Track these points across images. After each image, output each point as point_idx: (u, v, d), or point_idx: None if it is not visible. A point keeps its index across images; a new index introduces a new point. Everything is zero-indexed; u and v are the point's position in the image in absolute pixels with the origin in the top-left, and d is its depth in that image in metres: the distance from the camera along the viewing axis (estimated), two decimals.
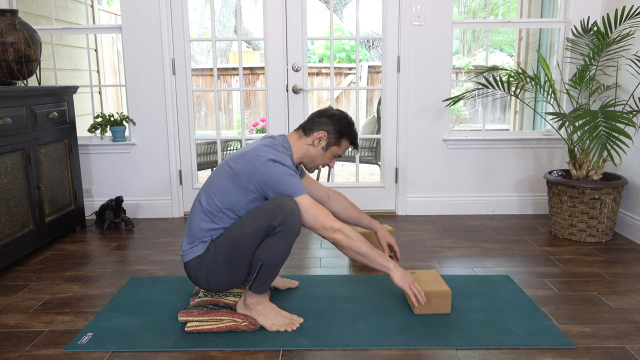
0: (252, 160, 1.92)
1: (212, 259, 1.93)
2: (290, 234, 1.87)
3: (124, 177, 3.63)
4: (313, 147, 2.08)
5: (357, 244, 1.91)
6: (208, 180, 2.04)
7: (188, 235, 2.01)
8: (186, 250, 2.00)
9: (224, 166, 2.01)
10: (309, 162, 2.12)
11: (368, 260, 1.94)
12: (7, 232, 2.63)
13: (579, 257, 2.79)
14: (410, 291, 1.97)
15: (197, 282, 2.01)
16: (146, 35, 3.43)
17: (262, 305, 2.01)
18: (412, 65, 3.47)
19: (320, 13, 10.11)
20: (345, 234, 1.91)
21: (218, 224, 1.96)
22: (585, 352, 1.84)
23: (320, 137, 2.06)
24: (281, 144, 2.04)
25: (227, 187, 1.94)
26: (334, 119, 2.07)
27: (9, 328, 2.06)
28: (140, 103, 3.53)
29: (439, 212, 3.68)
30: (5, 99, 2.61)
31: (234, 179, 1.94)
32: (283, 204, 1.85)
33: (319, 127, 2.06)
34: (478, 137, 3.57)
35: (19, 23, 2.95)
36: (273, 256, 1.89)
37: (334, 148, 2.10)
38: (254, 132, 5.86)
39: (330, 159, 2.13)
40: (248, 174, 1.91)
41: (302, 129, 2.10)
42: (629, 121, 2.61)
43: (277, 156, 1.94)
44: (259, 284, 1.94)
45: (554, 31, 4.00)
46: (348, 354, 1.84)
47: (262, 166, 1.90)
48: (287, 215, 1.84)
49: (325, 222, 1.91)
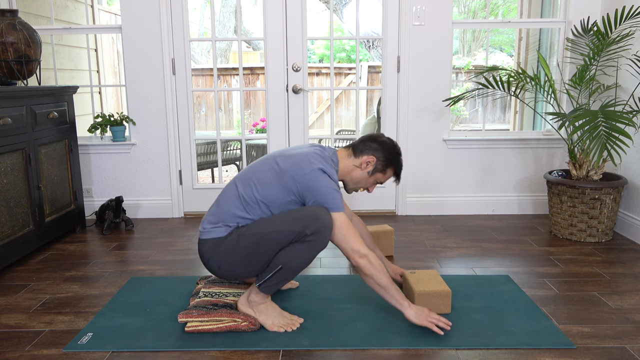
0: (301, 164, 1.93)
1: (233, 245, 1.92)
2: (318, 246, 1.87)
3: (124, 177, 3.63)
4: (359, 170, 2.09)
5: (379, 275, 1.89)
6: (249, 169, 2.03)
7: (213, 215, 1.99)
8: (207, 229, 1.98)
9: (269, 160, 2.00)
10: (350, 182, 2.13)
11: (385, 294, 1.92)
12: (7, 232, 2.63)
13: (579, 257, 2.79)
14: (430, 324, 1.91)
15: (207, 263, 1.99)
16: (146, 35, 3.43)
17: (265, 305, 2.01)
18: (412, 65, 3.47)
19: (320, 13, 10.11)
20: (370, 262, 1.89)
21: (249, 214, 1.96)
22: (585, 352, 1.84)
23: (369, 162, 2.07)
24: (331, 157, 2.04)
25: (270, 182, 1.94)
26: (385, 146, 2.09)
27: (9, 328, 2.06)
28: (140, 103, 3.53)
29: (439, 212, 3.68)
30: (5, 99, 2.61)
31: (279, 176, 1.94)
32: (320, 215, 1.86)
33: (370, 152, 2.08)
34: (478, 137, 3.57)
35: (19, 23, 2.95)
36: (295, 262, 1.89)
37: (379, 175, 2.11)
38: (254, 132, 5.86)
39: (372, 184, 2.14)
40: (295, 176, 1.92)
41: (352, 149, 2.11)
42: (629, 121, 2.61)
43: (326, 168, 1.95)
44: (270, 284, 1.94)
45: (554, 31, 4.00)
46: (348, 354, 1.84)
47: (311, 173, 1.91)
48: (321, 227, 1.84)
49: (354, 244, 1.90)
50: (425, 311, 1.94)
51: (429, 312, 1.94)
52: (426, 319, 1.92)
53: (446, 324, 1.93)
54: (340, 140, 4.66)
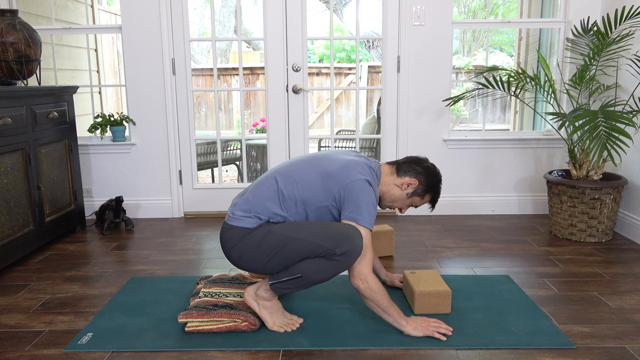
0: (350, 171, 1.92)
1: (259, 240, 1.91)
2: (342, 266, 1.86)
3: (124, 177, 3.63)
4: (399, 189, 2.08)
5: (378, 298, 1.89)
6: (291, 166, 2.01)
7: (247, 203, 1.96)
8: (238, 216, 1.95)
9: (314, 160, 1.99)
10: (388, 199, 2.11)
11: (385, 315, 1.92)
12: (7, 232, 2.63)
13: (579, 257, 2.79)
14: (431, 332, 1.92)
15: (229, 250, 1.97)
16: (146, 35, 3.43)
17: (271, 303, 2.01)
18: (412, 65, 3.47)
19: (320, 13, 10.11)
20: (370, 287, 1.88)
21: (284, 212, 1.94)
22: (585, 352, 1.84)
23: (410, 184, 2.06)
24: (376, 172, 2.04)
25: (314, 182, 1.93)
26: (429, 172, 2.08)
27: (9, 328, 2.06)
28: (140, 103, 3.53)
29: (439, 212, 3.67)
30: (5, 99, 2.61)
31: (325, 178, 1.93)
32: (353, 237, 1.83)
33: (413, 175, 2.07)
34: (478, 137, 3.57)
35: (19, 23, 2.95)
36: (315, 276, 1.88)
37: (416, 198, 2.11)
38: (254, 132, 5.85)
39: (407, 205, 2.14)
40: (339, 181, 1.91)
41: (396, 168, 2.09)
42: (629, 121, 2.61)
43: (372, 181, 1.94)
44: (283, 287, 1.93)
45: (554, 31, 4.00)
46: (348, 354, 1.84)
47: (357, 183, 1.90)
48: (351, 250, 1.83)
49: (361, 268, 1.88)
50: (423, 321, 1.95)
51: (427, 322, 1.95)
52: (427, 328, 1.93)
53: (447, 330, 1.93)
54: (340, 140, 4.65)
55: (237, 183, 4.02)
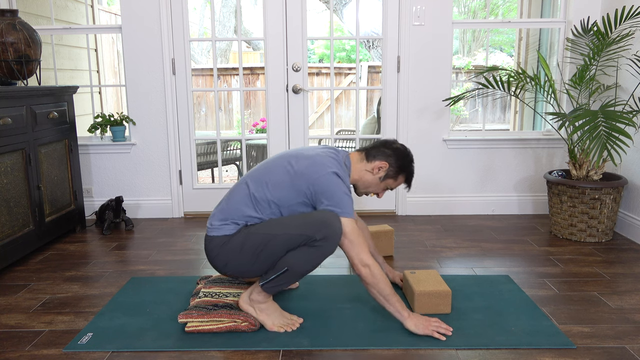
0: (315, 167, 1.93)
1: (240, 244, 1.92)
2: (325, 251, 1.87)
3: (124, 177, 3.63)
4: (371, 174, 2.09)
5: (380, 285, 1.90)
6: (261, 168, 2.02)
7: (222, 212, 1.98)
8: (215, 225, 1.97)
9: (281, 160, 2.00)
10: (362, 186, 2.13)
11: (386, 303, 1.93)
12: (7, 232, 2.63)
13: (579, 257, 2.79)
14: (431, 332, 1.92)
15: (214, 260, 1.99)
16: (146, 35, 3.43)
17: (266, 304, 2.01)
18: (412, 65, 3.47)
19: (320, 13, 10.11)
20: (372, 273, 1.89)
21: (259, 213, 1.95)
22: (585, 352, 1.84)
23: (381, 167, 2.07)
24: (344, 160, 2.04)
25: (283, 182, 1.94)
26: (398, 153, 2.09)
27: (9, 328, 2.06)
28: (140, 103, 3.53)
29: (439, 212, 3.68)
30: (5, 99, 2.61)
31: (293, 178, 1.93)
32: (331, 221, 1.85)
33: (382, 158, 2.08)
34: (478, 137, 3.57)
35: (19, 23, 2.95)
36: (301, 266, 1.88)
37: (390, 181, 2.11)
38: (254, 132, 5.85)
39: (382, 189, 2.14)
40: (308, 178, 1.91)
41: (365, 154, 2.11)
42: (629, 121, 2.61)
43: (340, 172, 1.94)
44: (274, 285, 1.94)
45: (554, 31, 4.00)
46: (348, 354, 1.84)
47: (326, 177, 1.90)
48: (330, 233, 1.84)
49: (360, 253, 1.89)
50: (424, 320, 1.95)
51: (428, 320, 1.95)
52: (427, 327, 1.92)
53: (447, 330, 1.93)
54: (340, 140, 4.65)
55: None
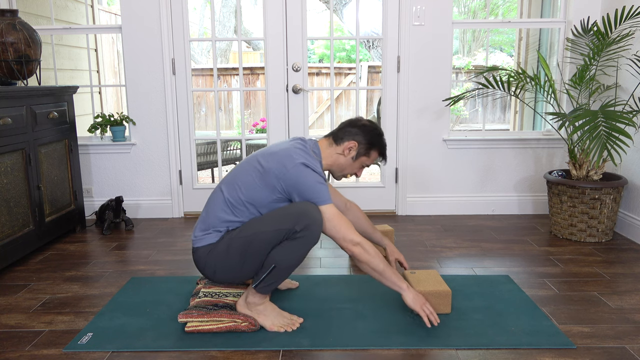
0: (283, 161, 1.92)
1: (225, 250, 1.92)
2: (309, 241, 1.87)
3: (124, 177, 3.63)
4: (343, 157, 2.09)
5: (374, 261, 1.90)
6: (233, 172, 2.03)
7: (203, 222, 1.99)
8: (199, 236, 1.98)
9: (252, 161, 2.00)
10: (337, 170, 2.13)
11: (383, 278, 1.93)
12: (7, 232, 2.63)
13: (579, 257, 2.79)
14: (423, 313, 1.93)
15: (203, 270, 2.00)
16: (146, 35, 3.43)
17: (263, 305, 2.01)
18: (412, 65, 3.47)
19: (320, 13, 10.11)
20: (365, 249, 1.90)
21: (237, 217, 1.96)
22: (585, 352, 1.84)
23: (351, 147, 2.07)
24: (312, 149, 2.04)
25: (254, 182, 1.94)
26: (365, 129, 2.09)
27: (9, 328, 2.06)
28: (140, 103, 3.53)
29: (439, 212, 3.68)
30: (5, 99, 2.61)
31: (263, 176, 1.93)
32: (308, 210, 1.85)
33: (350, 137, 2.07)
34: (478, 137, 3.57)
35: (19, 23, 2.95)
36: (288, 260, 1.89)
37: (364, 158, 2.11)
38: (254, 132, 5.86)
39: (358, 168, 2.14)
40: (278, 174, 1.91)
41: (333, 137, 2.10)
42: (629, 121, 2.61)
43: (309, 161, 1.94)
44: (266, 284, 1.94)
45: (554, 31, 4.00)
46: (348, 354, 1.84)
47: (294, 169, 1.90)
48: (310, 222, 1.84)
49: (346, 234, 1.90)
50: (422, 299, 1.96)
51: (425, 301, 1.96)
52: (421, 307, 1.94)
53: (435, 320, 1.94)
54: None
55: None
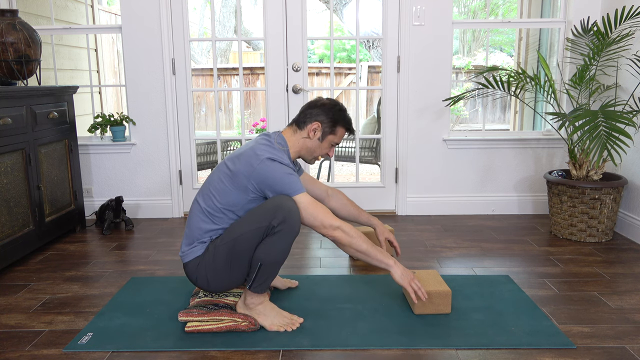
0: (249, 160, 1.93)
1: (212, 259, 1.93)
2: (289, 234, 1.87)
3: (124, 177, 3.63)
4: (309, 140, 2.08)
5: (356, 242, 1.92)
6: (206, 181, 2.04)
7: (187, 236, 2.01)
8: (185, 251, 2.00)
9: (221, 167, 2.01)
10: (307, 154, 2.12)
11: (368, 258, 1.94)
12: (7, 232, 2.63)
13: (579, 257, 2.79)
14: (410, 288, 1.97)
15: (196, 283, 2.01)
16: (146, 35, 3.43)
17: (262, 305, 2.02)
18: (412, 65, 3.47)
19: (320, 13, 10.11)
20: (345, 232, 1.92)
21: (218, 224, 1.96)
22: (585, 352, 1.84)
23: (315, 129, 2.07)
24: (277, 141, 2.04)
25: (226, 187, 1.95)
26: (325, 108, 2.08)
27: (9, 328, 2.06)
28: (140, 103, 3.53)
29: (439, 212, 3.67)
30: (5, 99, 2.61)
31: (233, 179, 1.94)
32: (282, 203, 1.86)
33: (312, 119, 2.07)
34: (478, 137, 3.57)
35: (19, 23, 2.95)
36: (272, 256, 1.89)
37: (330, 137, 2.10)
38: (254, 132, 5.85)
39: (328, 148, 2.14)
40: (246, 174, 1.91)
41: (296, 123, 2.10)
42: (629, 121, 2.61)
43: (274, 154, 1.94)
44: (259, 283, 1.94)
45: (554, 31, 4.00)
46: (348, 354, 1.84)
47: (260, 165, 1.90)
48: (286, 215, 1.84)
49: (324, 220, 1.91)
50: (410, 274, 1.99)
51: (413, 277, 1.99)
52: (409, 282, 1.97)
53: (423, 295, 1.97)
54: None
55: None
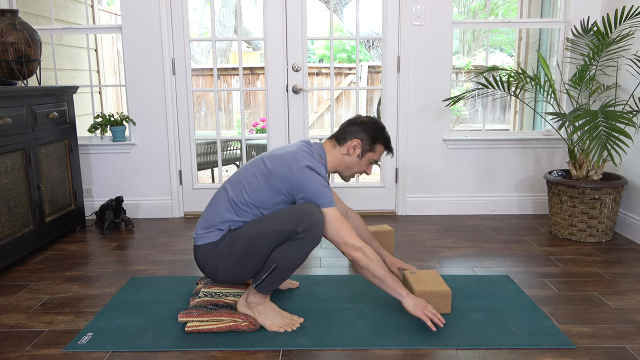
0: (288, 163, 1.93)
1: (227, 249, 1.93)
2: (310, 242, 1.88)
3: (124, 177, 3.63)
4: (348, 156, 2.09)
5: (375, 267, 1.90)
6: (238, 172, 2.04)
7: (206, 220, 2.00)
8: (200, 234, 1.99)
9: (257, 162, 2.01)
10: (345, 170, 2.13)
11: (383, 285, 1.92)
12: (7, 232, 2.63)
13: (579, 257, 2.79)
14: (425, 317, 1.90)
15: (204, 268, 2.00)
16: (146, 35, 3.43)
17: (264, 305, 2.01)
18: (412, 65, 3.47)
19: (320, 13, 10.11)
20: (365, 254, 1.89)
21: (240, 217, 1.96)
22: (585, 352, 1.84)
23: (355, 146, 2.07)
24: (317, 152, 2.05)
25: (259, 184, 1.94)
26: (365, 125, 2.09)
27: (9, 328, 2.06)
28: (140, 103, 3.53)
29: (439, 212, 3.67)
30: (5, 99, 2.61)
31: (268, 178, 1.94)
32: (310, 211, 1.86)
33: (352, 136, 2.08)
34: (478, 137, 3.57)
35: (19, 23, 2.95)
36: (289, 260, 1.89)
37: (370, 154, 2.11)
38: (254, 132, 5.85)
39: (366, 166, 2.15)
40: (282, 176, 1.92)
41: (336, 139, 2.11)
42: (629, 121, 2.61)
43: (313, 164, 1.95)
44: (267, 284, 1.94)
45: (554, 31, 4.00)
46: (348, 354, 1.84)
47: (298, 171, 1.91)
48: (312, 223, 1.85)
49: (347, 238, 1.90)
50: (423, 303, 1.94)
51: (426, 305, 1.94)
52: (423, 311, 1.92)
53: (440, 321, 1.92)
54: None
55: None
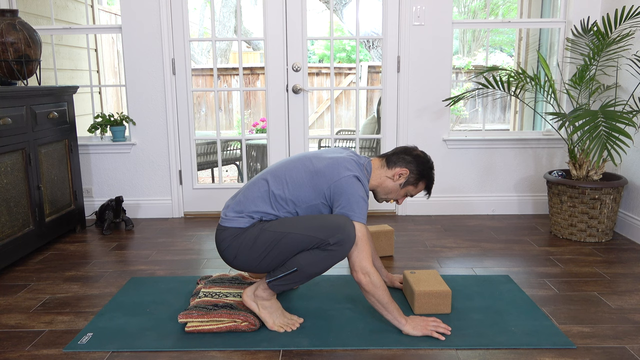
0: (337, 168, 1.93)
1: (253, 238, 1.92)
2: (337, 256, 1.87)
3: (124, 177, 3.63)
4: (391, 181, 2.09)
5: (379, 293, 1.89)
6: (282, 166, 2.02)
7: (239, 204, 1.98)
8: (230, 217, 1.97)
9: (303, 160, 2.00)
10: (382, 192, 2.13)
11: (385, 311, 1.92)
12: (7, 232, 2.63)
13: (579, 257, 2.79)
14: (430, 332, 1.92)
15: (224, 252, 1.98)
16: (146, 35, 3.43)
17: (270, 302, 2.01)
18: (412, 65, 3.47)
19: (320, 13, 10.11)
20: (372, 281, 1.88)
21: (275, 210, 1.95)
22: (585, 352, 1.84)
23: (402, 174, 2.07)
24: (365, 166, 2.05)
25: (304, 181, 1.94)
26: (419, 159, 2.09)
27: (9, 328, 2.06)
28: (140, 103, 3.53)
29: (439, 212, 3.68)
30: (5, 99, 2.61)
31: (313, 177, 1.94)
32: (346, 227, 1.84)
33: (403, 164, 2.08)
34: (478, 137, 3.57)
35: (19, 23, 2.95)
36: (311, 268, 1.88)
37: (410, 188, 2.11)
38: (254, 132, 5.85)
39: (402, 196, 2.14)
40: (329, 179, 1.92)
41: (386, 160, 2.10)
42: (629, 121, 2.61)
43: (361, 176, 1.95)
44: (280, 283, 1.94)
45: (554, 31, 4.00)
46: (348, 354, 1.84)
47: (346, 179, 1.90)
48: (344, 239, 1.84)
49: (363, 261, 1.89)
50: (422, 321, 1.95)
51: (426, 321, 1.95)
52: (425, 328, 1.93)
53: (446, 329, 1.93)
54: (340, 140, 4.65)
55: (237, 183, 4.01)
